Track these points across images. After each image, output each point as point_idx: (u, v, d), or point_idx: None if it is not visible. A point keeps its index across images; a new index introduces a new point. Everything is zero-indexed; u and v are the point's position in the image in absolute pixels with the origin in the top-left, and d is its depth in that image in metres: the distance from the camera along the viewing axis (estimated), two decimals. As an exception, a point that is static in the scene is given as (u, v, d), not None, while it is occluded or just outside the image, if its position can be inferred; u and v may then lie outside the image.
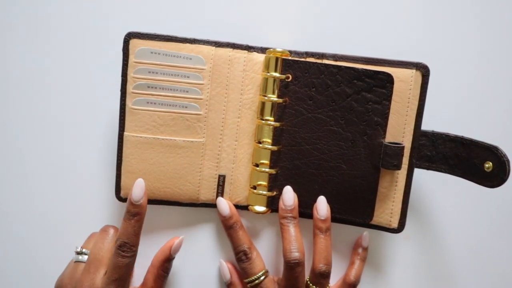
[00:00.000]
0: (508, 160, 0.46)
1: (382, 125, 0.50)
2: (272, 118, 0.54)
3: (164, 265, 0.54)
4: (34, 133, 0.58)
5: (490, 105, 0.61)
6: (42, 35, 0.58)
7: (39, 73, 0.58)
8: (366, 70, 0.51)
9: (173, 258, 0.55)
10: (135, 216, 0.50)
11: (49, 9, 0.57)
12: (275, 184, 0.55)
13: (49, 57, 0.58)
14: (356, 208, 0.53)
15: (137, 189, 0.51)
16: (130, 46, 0.52)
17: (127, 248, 0.49)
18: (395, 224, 0.54)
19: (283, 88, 0.54)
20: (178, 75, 0.52)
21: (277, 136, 0.54)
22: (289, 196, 0.54)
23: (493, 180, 0.48)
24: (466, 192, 0.62)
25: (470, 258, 0.63)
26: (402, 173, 0.53)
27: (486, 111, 0.61)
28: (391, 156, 0.50)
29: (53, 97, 0.58)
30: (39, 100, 0.58)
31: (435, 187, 0.61)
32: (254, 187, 0.56)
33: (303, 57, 0.55)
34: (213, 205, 0.57)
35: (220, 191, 0.56)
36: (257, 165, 0.55)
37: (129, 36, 0.51)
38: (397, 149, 0.50)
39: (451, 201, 0.62)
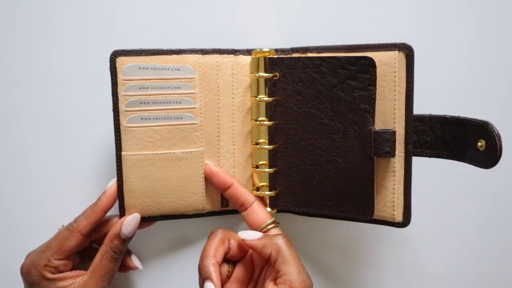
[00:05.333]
0: (498, 134, 0.43)
1: (370, 112, 0.49)
2: (265, 119, 0.54)
3: (113, 242, 0.50)
4: (30, 158, 0.59)
5: (484, 85, 0.60)
6: (37, 55, 0.58)
7: (33, 94, 0.59)
8: (347, 57, 0.49)
9: (126, 238, 0.51)
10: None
11: (40, 30, 0.58)
12: (275, 183, 0.55)
13: (40, 82, 0.58)
14: (356, 204, 0.51)
15: (131, 224, 0.51)
16: (117, 64, 0.51)
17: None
18: (399, 218, 0.51)
19: (272, 87, 0.54)
20: (169, 87, 0.52)
21: (272, 135, 0.54)
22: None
23: (487, 159, 0.44)
24: (467, 190, 0.61)
25: (471, 261, 0.62)
26: (399, 162, 0.50)
27: (480, 91, 0.60)
28: (381, 143, 0.48)
29: (46, 124, 0.59)
30: (33, 123, 0.59)
31: (435, 187, 0.61)
32: (257, 189, 0.56)
33: (289, 54, 0.54)
34: (219, 213, 0.56)
35: (225, 198, 0.56)
36: (257, 167, 0.55)
37: (115, 55, 0.51)
38: (387, 135, 0.48)
39: (452, 202, 0.61)
